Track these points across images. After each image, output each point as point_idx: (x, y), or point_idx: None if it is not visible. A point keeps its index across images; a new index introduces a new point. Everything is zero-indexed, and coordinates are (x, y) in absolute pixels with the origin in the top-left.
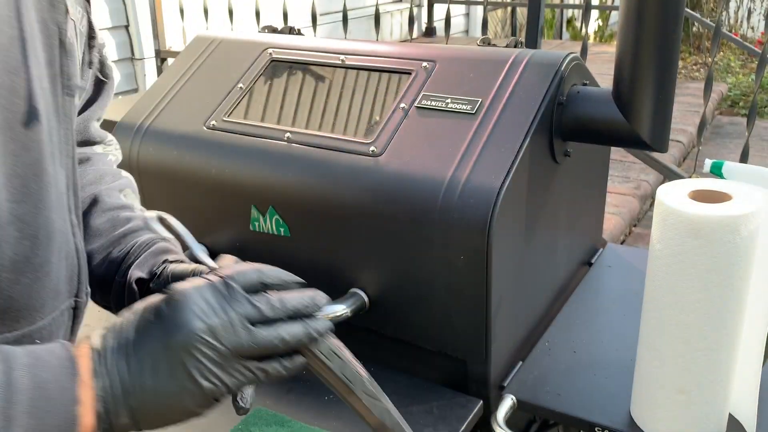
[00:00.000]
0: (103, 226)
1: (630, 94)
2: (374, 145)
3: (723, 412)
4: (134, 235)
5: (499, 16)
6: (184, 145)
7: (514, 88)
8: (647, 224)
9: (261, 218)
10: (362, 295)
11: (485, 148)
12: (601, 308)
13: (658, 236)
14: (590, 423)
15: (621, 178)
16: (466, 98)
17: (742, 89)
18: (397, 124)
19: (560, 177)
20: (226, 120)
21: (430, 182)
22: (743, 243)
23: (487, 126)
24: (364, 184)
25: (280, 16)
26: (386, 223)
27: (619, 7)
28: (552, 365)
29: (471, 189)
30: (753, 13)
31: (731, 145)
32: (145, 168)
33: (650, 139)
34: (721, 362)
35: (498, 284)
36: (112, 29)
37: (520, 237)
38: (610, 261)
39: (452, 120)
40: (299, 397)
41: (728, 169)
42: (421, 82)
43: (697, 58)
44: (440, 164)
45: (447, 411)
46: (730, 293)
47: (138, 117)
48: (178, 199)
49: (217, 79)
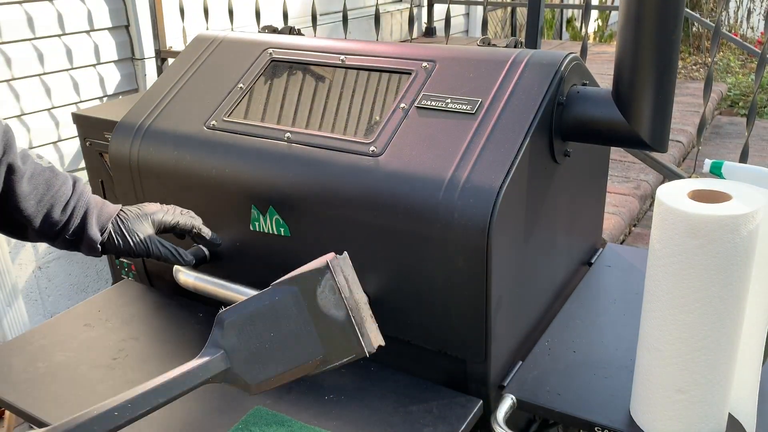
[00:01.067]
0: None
1: (630, 95)
2: (374, 145)
3: (722, 411)
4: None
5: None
6: (184, 145)
7: (514, 88)
8: (647, 224)
9: (261, 218)
10: None
11: (485, 148)
12: (600, 308)
13: (658, 236)
14: (590, 422)
15: (621, 178)
16: (466, 98)
17: (742, 89)
18: (397, 124)
19: (560, 177)
20: (226, 120)
21: (430, 182)
22: (743, 243)
23: (487, 126)
24: (364, 183)
25: (280, 16)
26: (386, 222)
27: (619, 7)
28: (552, 365)
29: (471, 189)
30: (753, 13)
31: (731, 145)
32: (146, 168)
33: (650, 139)
34: (720, 362)
35: (498, 284)
36: (112, 29)
37: (520, 237)
38: (610, 261)
39: (452, 120)
40: (299, 397)
41: (728, 169)
42: (421, 82)
43: (697, 58)
44: (440, 164)
45: (447, 410)
46: (730, 293)
47: (138, 117)
48: (178, 198)
49: (217, 79)
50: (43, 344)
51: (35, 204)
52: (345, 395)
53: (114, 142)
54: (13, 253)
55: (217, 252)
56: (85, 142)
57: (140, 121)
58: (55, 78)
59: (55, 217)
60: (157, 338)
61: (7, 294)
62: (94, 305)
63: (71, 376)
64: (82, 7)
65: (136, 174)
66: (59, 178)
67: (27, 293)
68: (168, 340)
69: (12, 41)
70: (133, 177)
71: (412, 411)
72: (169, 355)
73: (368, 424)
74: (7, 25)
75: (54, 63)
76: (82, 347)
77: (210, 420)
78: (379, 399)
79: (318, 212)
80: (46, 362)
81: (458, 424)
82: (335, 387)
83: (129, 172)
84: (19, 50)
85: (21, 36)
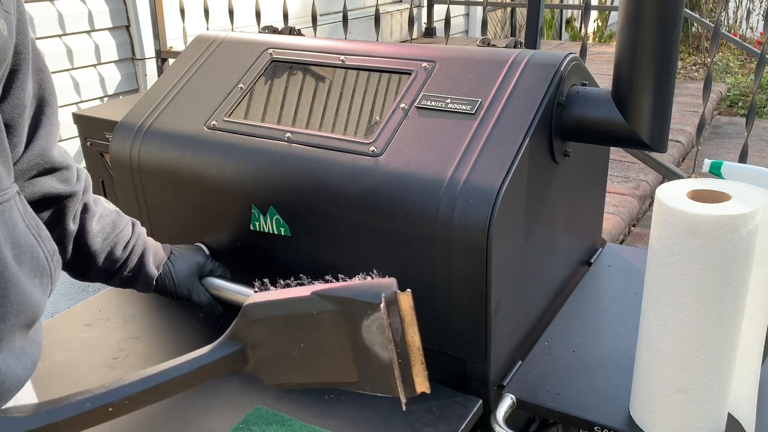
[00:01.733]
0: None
1: (629, 95)
2: (374, 145)
3: (722, 411)
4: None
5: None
6: (184, 145)
7: (514, 89)
8: (646, 224)
9: (261, 218)
10: None
11: (485, 148)
12: (600, 308)
13: (658, 236)
14: (589, 422)
15: (620, 178)
16: (465, 98)
17: (741, 89)
18: (396, 124)
19: (560, 177)
20: (226, 120)
21: (430, 182)
22: (742, 243)
23: (487, 126)
24: (364, 183)
25: (280, 16)
26: (386, 222)
27: (619, 7)
28: (551, 364)
29: (471, 188)
30: (752, 14)
31: (730, 145)
32: (146, 167)
33: (649, 139)
34: (720, 362)
35: (498, 284)
36: (112, 29)
37: (520, 237)
38: (610, 260)
39: (452, 120)
40: (299, 396)
41: (727, 169)
42: (421, 83)
43: (696, 59)
44: (440, 164)
45: (447, 410)
46: (729, 293)
47: (138, 117)
48: (178, 198)
49: (217, 79)
50: (43, 344)
51: (101, 242)
52: (345, 395)
53: (114, 142)
54: None
55: (218, 252)
56: (85, 142)
57: (141, 121)
58: (55, 78)
59: (117, 254)
60: (158, 338)
61: None
62: (95, 305)
63: (72, 376)
64: (82, 8)
65: (136, 174)
66: (123, 219)
67: None
68: (168, 340)
69: None
70: (133, 177)
71: (412, 410)
72: (169, 355)
73: (368, 423)
74: None
75: (54, 63)
76: (82, 347)
77: (210, 420)
78: (379, 398)
79: (318, 212)
80: (46, 362)
81: (458, 423)
82: None
83: (129, 172)
84: None
85: None
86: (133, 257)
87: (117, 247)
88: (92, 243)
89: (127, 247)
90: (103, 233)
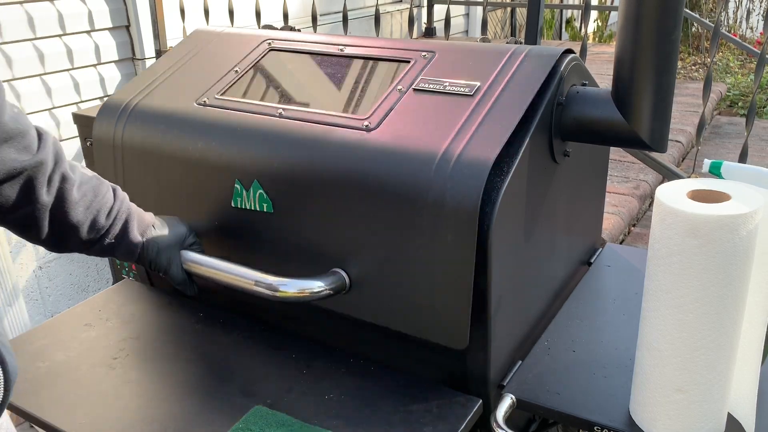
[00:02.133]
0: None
1: (629, 95)
2: (368, 121)
3: (722, 411)
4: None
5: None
6: (171, 121)
7: (514, 74)
8: (646, 224)
9: (244, 193)
10: (343, 275)
11: (482, 125)
12: (600, 308)
13: (657, 236)
14: (589, 422)
15: (620, 177)
16: (464, 82)
17: (741, 89)
18: (393, 103)
19: (560, 177)
20: (218, 97)
21: (423, 154)
22: (742, 243)
23: (485, 105)
24: (354, 156)
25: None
26: (375, 197)
27: (619, 7)
28: (551, 364)
29: (465, 160)
30: (752, 14)
31: (730, 145)
32: (129, 145)
33: (649, 139)
34: (719, 362)
35: (498, 283)
36: (112, 29)
37: (520, 236)
38: (609, 260)
39: (449, 99)
40: (299, 396)
41: (727, 169)
42: (420, 69)
43: (696, 59)
44: (435, 138)
45: (446, 410)
46: (729, 293)
47: (127, 96)
48: (159, 174)
49: (213, 64)
50: (43, 344)
51: (84, 210)
52: (345, 395)
53: (98, 121)
54: (13, 252)
55: (197, 229)
56: (85, 142)
57: (128, 99)
58: (55, 78)
59: (101, 222)
60: (158, 338)
61: (8, 294)
62: (95, 305)
63: (72, 376)
64: (82, 8)
65: (119, 152)
66: (104, 185)
67: (28, 293)
68: (168, 340)
69: (13, 41)
70: (115, 156)
71: (412, 410)
72: (169, 355)
73: (368, 423)
74: (8, 25)
75: (54, 63)
76: (82, 347)
77: (210, 420)
78: (379, 398)
79: (304, 186)
80: (46, 362)
81: (458, 423)
82: (335, 386)
83: (111, 150)
84: (19, 50)
85: (21, 36)
86: (117, 224)
87: (100, 214)
88: (74, 213)
89: (111, 214)
90: (85, 201)
